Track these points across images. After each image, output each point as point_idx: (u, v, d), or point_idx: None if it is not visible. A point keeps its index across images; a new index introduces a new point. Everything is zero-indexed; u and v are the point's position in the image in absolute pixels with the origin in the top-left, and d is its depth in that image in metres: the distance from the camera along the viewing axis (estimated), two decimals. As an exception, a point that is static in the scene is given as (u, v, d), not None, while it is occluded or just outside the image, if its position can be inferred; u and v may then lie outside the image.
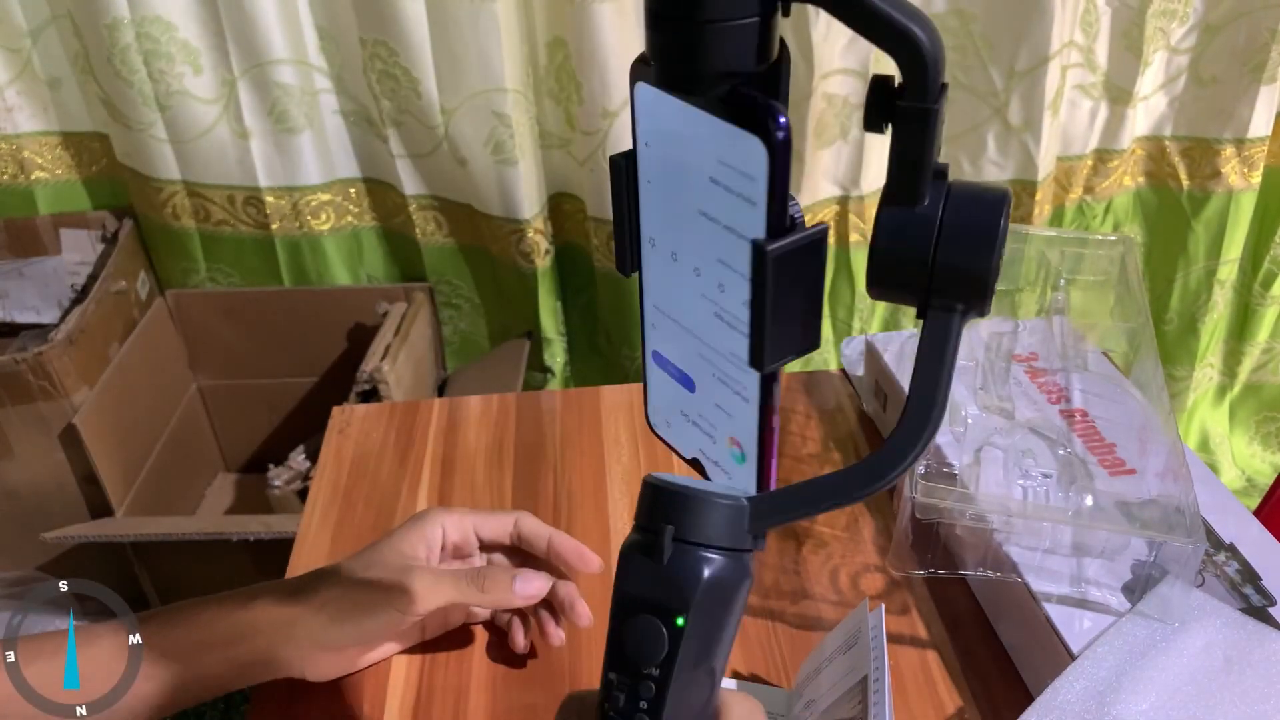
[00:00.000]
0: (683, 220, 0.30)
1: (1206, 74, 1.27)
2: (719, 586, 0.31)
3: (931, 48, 0.27)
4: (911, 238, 0.28)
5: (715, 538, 0.31)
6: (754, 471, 0.33)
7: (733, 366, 0.31)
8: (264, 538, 1.17)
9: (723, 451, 0.34)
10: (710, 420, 0.34)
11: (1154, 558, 0.56)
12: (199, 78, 1.23)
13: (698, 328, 0.32)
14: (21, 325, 1.43)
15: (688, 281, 0.31)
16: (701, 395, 0.34)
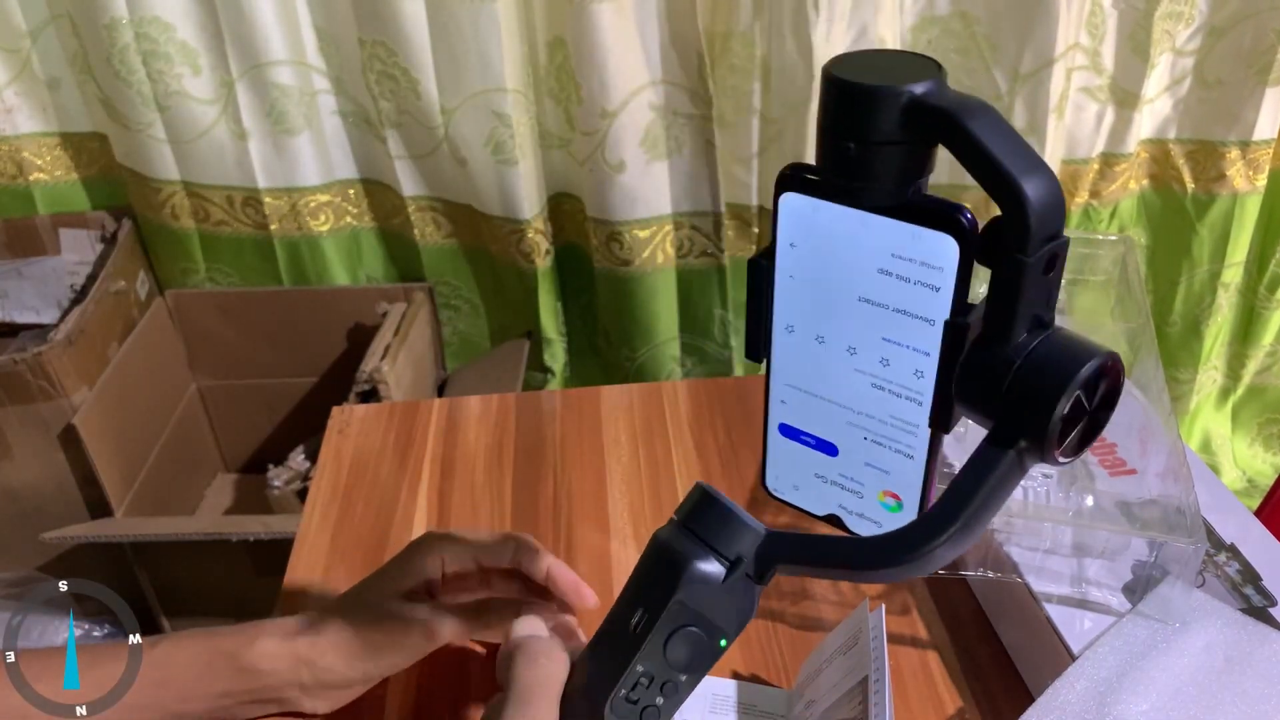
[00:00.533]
0: (835, 308, 0.34)
1: (1211, 76, 1.27)
2: (749, 616, 0.37)
3: (1039, 204, 0.29)
4: (989, 368, 0.31)
5: (760, 572, 0.37)
6: (915, 513, 0.37)
7: (894, 429, 0.36)
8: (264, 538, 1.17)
9: (872, 505, 0.38)
10: (858, 479, 0.38)
11: (1155, 558, 0.56)
12: (198, 78, 1.23)
13: (848, 399, 0.36)
14: (21, 325, 1.42)
15: (837, 360, 0.35)
16: (846, 458, 0.38)
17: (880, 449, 0.36)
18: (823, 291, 0.34)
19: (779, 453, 0.39)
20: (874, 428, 0.36)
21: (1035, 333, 0.31)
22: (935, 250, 0.31)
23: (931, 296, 0.32)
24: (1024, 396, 0.31)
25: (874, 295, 0.33)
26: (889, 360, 0.34)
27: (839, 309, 0.34)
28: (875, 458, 0.36)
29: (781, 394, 0.38)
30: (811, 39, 1.12)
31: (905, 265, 0.32)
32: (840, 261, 0.33)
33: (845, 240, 0.32)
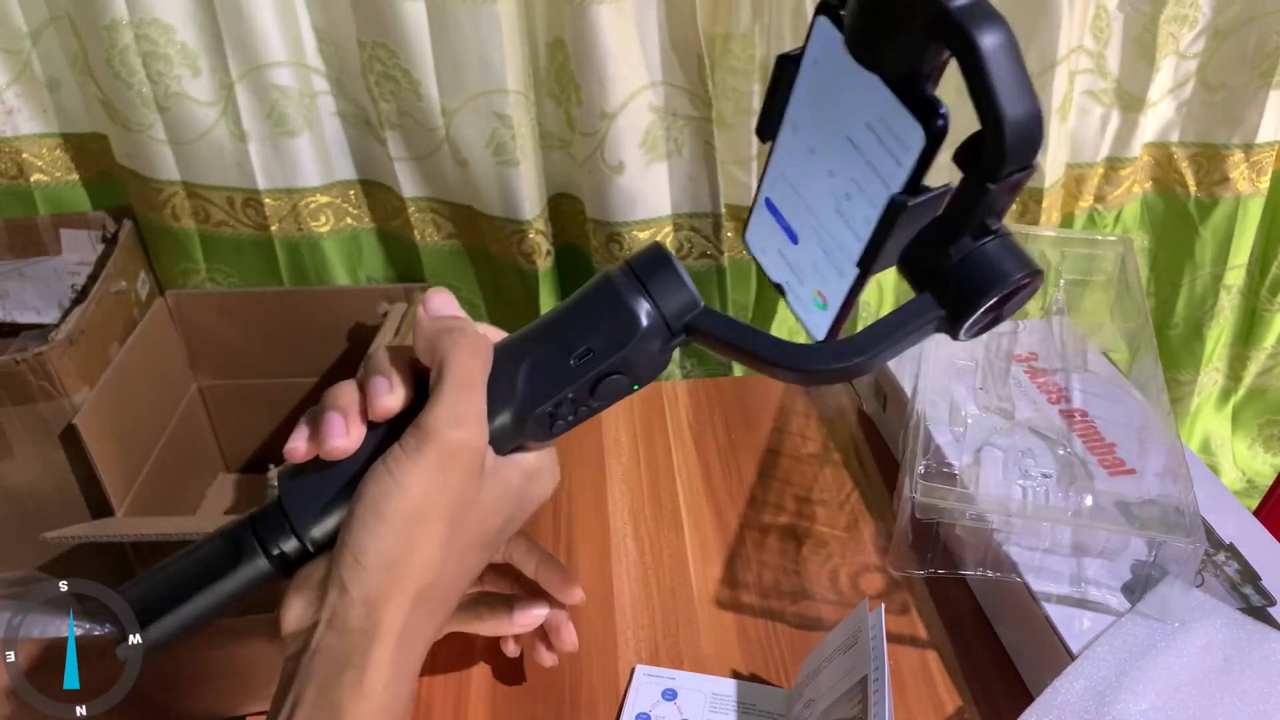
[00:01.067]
0: (830, 132, 0.39)
1: (1215, 79, 1.27)
2: (662, 370, 0.44)
3: (1016, 138, 0.32)
4: (935, 254, 0.37)
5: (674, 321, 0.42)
6: (829, 320, 0.43)
7: (837, 249, 0.40)
8: (264, 538, 1.16)
9: (807, 295, 0.44)
10: (803, 269, 0.43)
11: (1154, 558, 0.56)
12: (197, 79, 1.23)
13: (817, 208, 0.41)
14: (21, 325, 1.43)
15: (819, 173, 0.40)
16: (802, 250, 0.43)
17: (825, 256, 0.42)
18: (823, 114, 0.39)
19: (760, 220, 0.45)
20: (825, 240, 0.41)
21: (982, 235, 0.36)
22: (907, 132, 0.35)
23: (894, 168, 0.36)
24: (960, 285, 0.36)
25: (856, 140, 0.38)
26: (850, 196, 0.39)
27: (830, 136, 0.39)
28: (819, 261, 0.42)
29: (775, 174, 0.43)
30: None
31: (884, 132, 0.36)
32: (842, 99, 0.37)
33: (850, 85, 0.37)
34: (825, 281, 0.42)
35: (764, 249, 0.45)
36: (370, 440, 0.41)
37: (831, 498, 0.74)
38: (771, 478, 0.76)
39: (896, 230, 0.37)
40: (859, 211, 0.38)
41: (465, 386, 0.40)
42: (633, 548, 0.70)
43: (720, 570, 0.68)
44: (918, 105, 0.35)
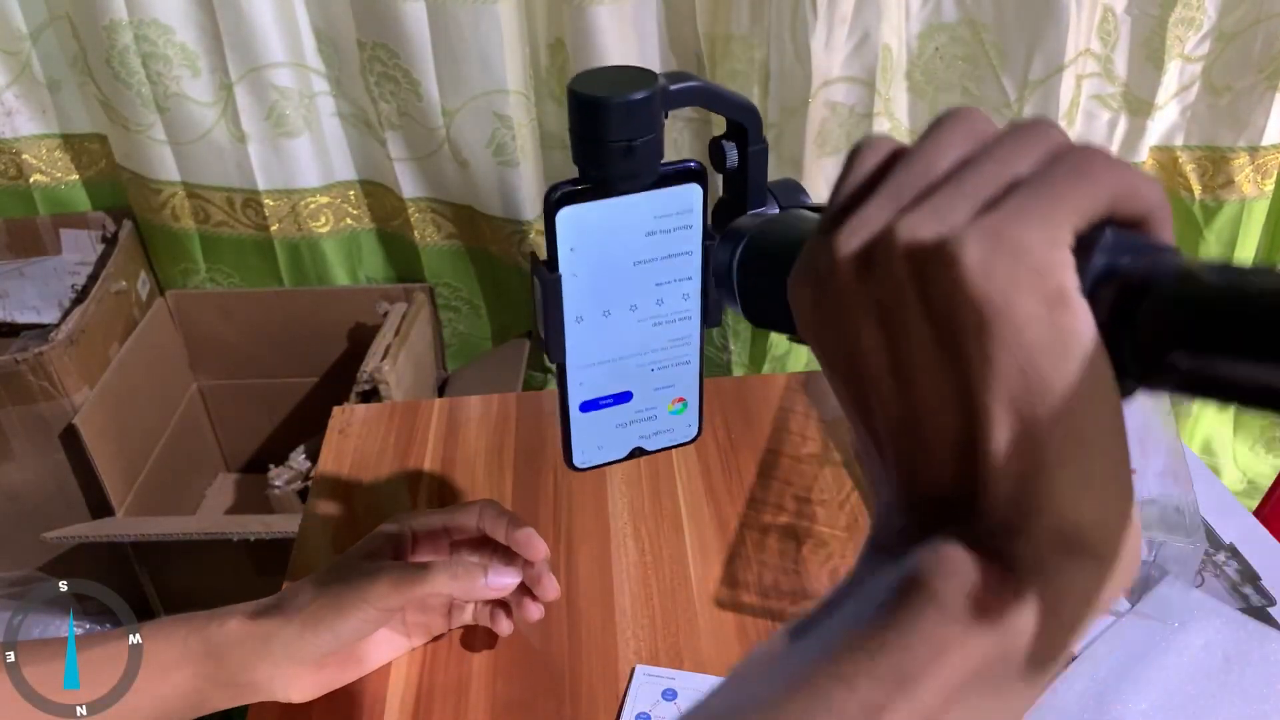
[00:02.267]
0: (612, 282, 0.41)
1: (1220, 82, 1.26)
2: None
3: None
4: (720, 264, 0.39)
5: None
6: (696, 411, 0.47)
7: (674, 349, 0.45)
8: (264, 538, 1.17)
9: (664, 418, 0.47)
10: (650, 406, 0.46)
11: (1154, 558, 0.56)
12: (197, 80, 1.23)
13: (636, 348, 0.44)
14: (22, 325, 1.43)
15: (622, 322, 0.43)
16: (640, 396, 0.45)
17: (666, 370, 0.45)
18: (602, 275, 0.41)
19: (583, 429, 0.45)
20: (659, 357, 0.44)
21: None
22: (685, 199, 0.41)
23: (688, 234, 0.42)
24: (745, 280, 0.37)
25: (645, 255, 0.41)
26: (663, 299, 0.43)
27: (618, 280, 0.41)
28: (663, 379, 0.45)
29: (579, 378, 0.44)
30: (810, 43, 1.12)
31: (666, 220, 0.41)
32: (615, 242, 0.41)
33: (617, 224, 0.40)
34: (678, 388, 0.46)
35: (601, 445, 0.46)
36: None
37: (831, 498, 0.74)
38: (771, 478, 0.76)
39: (706, 274, 0.43)
40: (676, 298, 0.43)
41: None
42: (633, 548, 0.70)
43: (720, 570, 0.68)
44: (679, 176, 0.40)
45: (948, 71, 1.20)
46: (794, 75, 1.15)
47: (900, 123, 1.24)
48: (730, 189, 0.42)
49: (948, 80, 1.20)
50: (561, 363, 0.43)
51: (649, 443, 0.47)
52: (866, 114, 1.19)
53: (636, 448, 0.47)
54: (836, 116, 1.21)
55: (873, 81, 1.17)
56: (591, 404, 0.44)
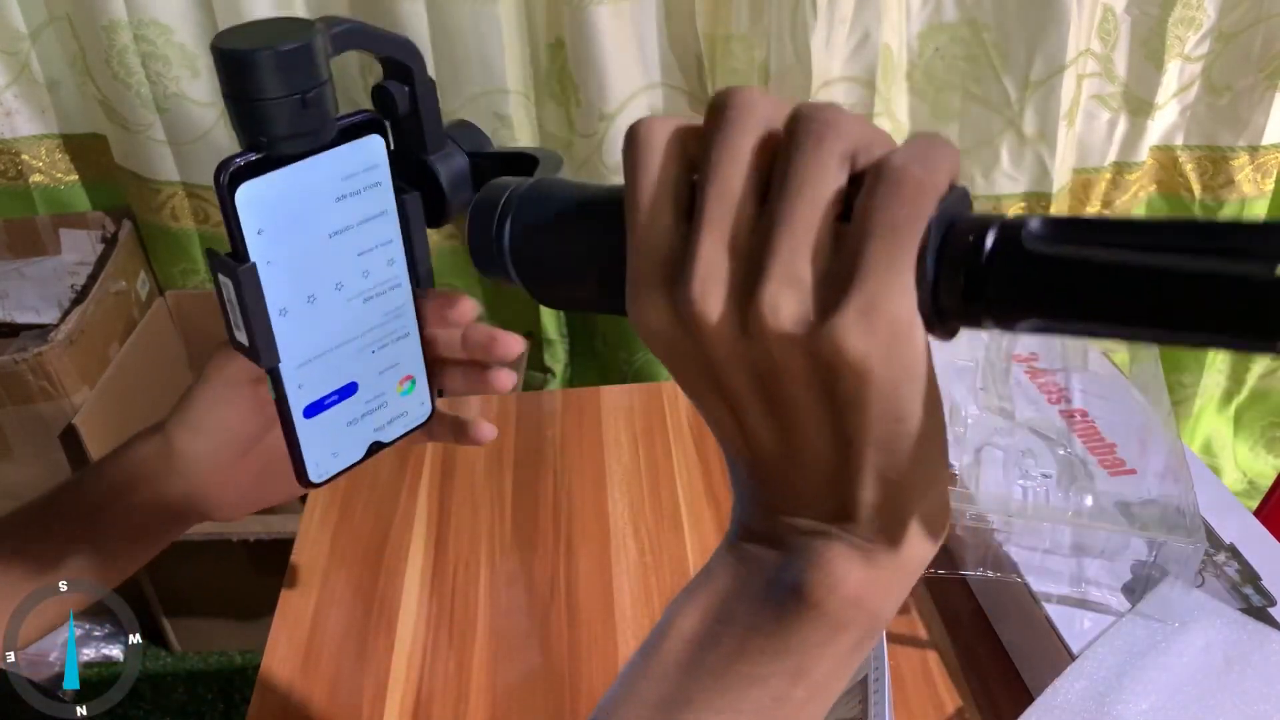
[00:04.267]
0: (313, 259, 0.37)
1: (1220, 82, 1.26)
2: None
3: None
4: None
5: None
6: (425, 386, 0.43)
7: (391, 322, 0.40)
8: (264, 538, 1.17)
9: (395, 402, 0.43)
10: (378, 393, 0.42)
11: (1154, 558, 0.56)
12: (196, 80, 1.23)
13: (350, 330, 0.39)
14: (21, 325, 1.42)
15: (329, 304, 0.38)
16: (366, 384, 0.41)
17: (386, 349, 0.41)
18: (299, 255, 0.36)
19: (311, 437, 0.40)
20: (377, 335, 0.40)
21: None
22: (369, 154, 0.37)
23: (378, 192, 0.38)
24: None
25: (340, 224, 0.37)
26: (369, 270, 0.39)
27: (317, 257, 0.37)
28: (385, 359, 0.41)
29: (297, 380, 0.38)
30: (810, 44, 1.12)
31: (353, 180, 0.37)
32: (305, 215, 0.36)
33: (302, 194, 0.36)
34: (403, 365, 0.42)
35: (335, 451, 0.41)
36: None
37: (831, 498, 0.74)
38: (771, 478, 0.76)
39: (414, 223, 0.39)
40: (380, 265, 0.39)
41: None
42: (633, 548, 0.70)
43: (720, 570, 0.68)
44: (359, 129, 0.36)
45: (948, 72, 1.20)
46: (794, 75, 1.15)
47: (901, 123, 1.24)
48: (404, 138, 0.39)
49: (948, 80, 1.20)
50: (274, 367, 0.37)
51: (385, 433, 0.43)
52: (867, 114, 1.19)
53: (374, 443, 0.43)
54: (836, 116, 1.21)
55: (873, 81, 1.17)
56: (316, 406, 0.39)
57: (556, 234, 0.31)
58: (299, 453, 0.40)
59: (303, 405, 0.39)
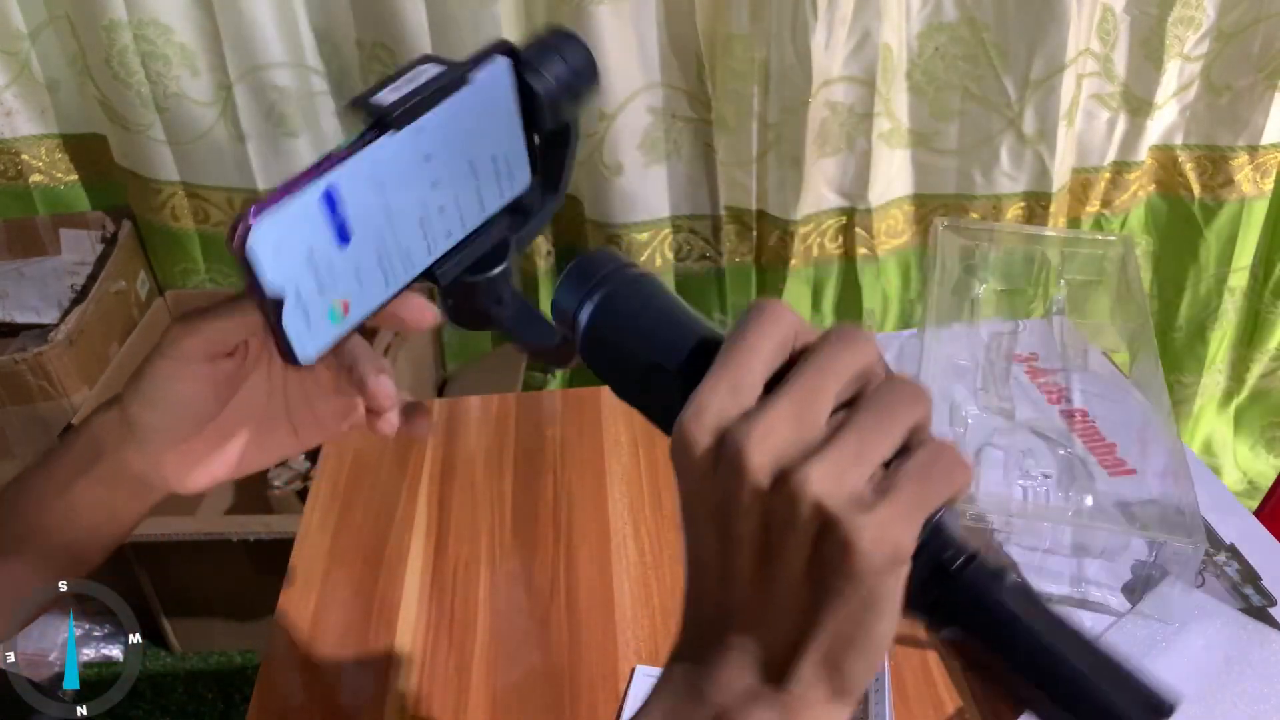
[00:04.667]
0: (456, 150, 0.37)
1: (1220, 81, 1.26)
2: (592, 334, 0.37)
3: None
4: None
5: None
6: (335, 334, 0.37)
7: (399, 260, 0.38)
8: (264, 538, 1.17)
9: (322, 305, 0.37)
10: (335, 275, 0.36)
11: (1154, 558, 0.56)
12: (196, 80, 1.23)
13: (399, 211, 0.37)
14: (21, 325, 1.43)
15: (421, 181, 0.37)
16: (348, 254, 0.36)
17: (377, 263, 0.38)
18: (460, 132, 0.37)
19: (293, 214, 0.34)
20: (386, 246, 0.38)
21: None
22: (518, 174, 0.40)
23: (497, 197, 0.40)
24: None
25: (477, 165, 0.39)
26: (444, 210, 0.39)
27: (454, 153, 0.38)
28: (365, 268, 0.37)
29: (359, 167, 0.36)
30: (810, 43, 1.12)
31: (503, 168, 0.40)
32: (484, 129, 0.38)
33: (496, 122, 0.38)
34: (361, 291, 0.38)
35: (279, 249, 0.35)
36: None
37: (831, 498, 0.74)
38: (771, 478, 0.76)
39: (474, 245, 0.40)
40: (443, 227, 0.39)
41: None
42: (633, 548, 0.70)
43: (720, 570, 0.68)
44: (534, 160, 0.40)
45: (948, 71, 1.20)
46: (794, 75, 1.15)
47: (900, 122, 1.24)
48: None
49: (948, 80, 1.20)
50: (369, 135, 0.36)
51: (290, 307, 0.36)
52: (866, 114, 1.19)
53: (277, 295, 0.35)
54: (837, 116, 1.20)
55: (873, 81, 1.17)
56: (332, 201, 0.36)
57: (641, 334, 0.33)
58: (267, 211, 0.34)
59: (327, 187, 0.35)
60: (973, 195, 1.27)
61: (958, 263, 0.77)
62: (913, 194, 1.30)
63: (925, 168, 1.27)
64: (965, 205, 1.29)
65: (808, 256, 1.32)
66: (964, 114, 1.23)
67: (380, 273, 0.38)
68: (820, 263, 1.34)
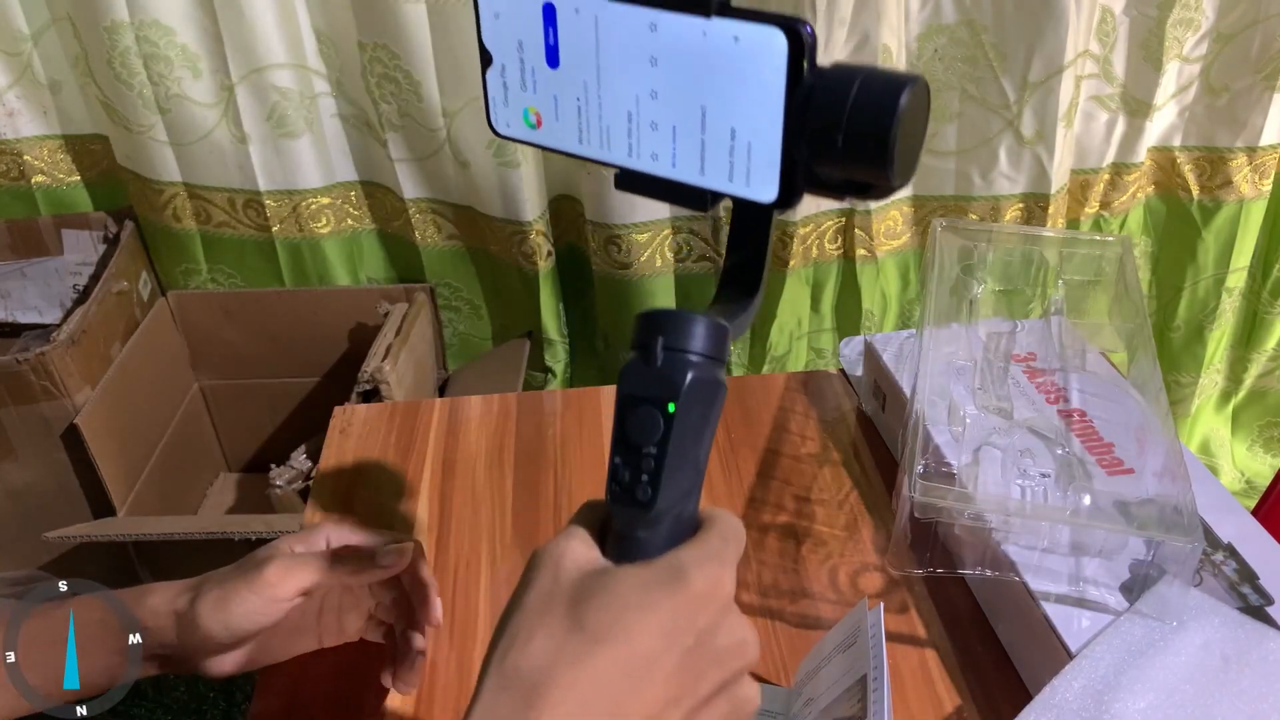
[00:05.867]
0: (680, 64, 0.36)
1: (1218, 83, 1.26)
2: (701, 383, 0.37)
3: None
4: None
5: (698, 346, 0.37)
6: (524, 137, 0.41)
7: (596, 110, 0.38)
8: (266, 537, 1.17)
9: (518, 103, 0.40)
10: (533, 82, 0.39)
11: (1152, 557, 0.57)
12: (198, 81, 1.23)
13: (609, 69, 0.37)
14: (23, 325, 1.43)
15: (639, 57, 0.36)
16: (553, 77, 0.39)
17: (575, 105, 0.39)
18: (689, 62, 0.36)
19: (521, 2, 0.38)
20: (591, 96, 0.38)
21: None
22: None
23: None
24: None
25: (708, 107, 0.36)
26: (657, 95, 0.37)
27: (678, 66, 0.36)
28: (564, 96, 0.39)
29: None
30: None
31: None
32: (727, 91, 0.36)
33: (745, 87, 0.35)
34: (556, 122, 0.39)
35: (499, 18, 0.39)
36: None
37: (831, 497, 0.74)
38: (771, 477, 0.76)
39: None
40: (651, 144, 0.38)
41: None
42: (633, 547, 0.70)
43: (720, 570, 0.68)
44: (788, 181, 0.36)
45: (947, 73, 1.20)
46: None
47: (901, 124, 1.24)
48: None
49: (947, 81, 1.21)
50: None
51: (494, 73, 0.41)
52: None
53: (490, 52, 0.40)
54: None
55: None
56: (550, 14, 0.38)
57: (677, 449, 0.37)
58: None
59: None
60: (971, 197, 1.27)
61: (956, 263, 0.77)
62: (911, 195, 1.31)
63: (924, 169, 1.27)
64: (964, 207, 1.29)
65: (807, 257, 1.32)
66: (962, 115, 1.23)
67: (576, 125, 0.39)
68: (819, 263, 1.34)
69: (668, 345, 0.38)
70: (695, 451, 0.39)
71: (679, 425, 0.38)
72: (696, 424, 0.38)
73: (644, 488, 0.38)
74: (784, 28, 0.33)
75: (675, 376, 0.38)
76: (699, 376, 0.37)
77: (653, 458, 0.38)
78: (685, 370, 0.38)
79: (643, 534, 0.38)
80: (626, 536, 0.39)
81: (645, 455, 0.38)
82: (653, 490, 0.38)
